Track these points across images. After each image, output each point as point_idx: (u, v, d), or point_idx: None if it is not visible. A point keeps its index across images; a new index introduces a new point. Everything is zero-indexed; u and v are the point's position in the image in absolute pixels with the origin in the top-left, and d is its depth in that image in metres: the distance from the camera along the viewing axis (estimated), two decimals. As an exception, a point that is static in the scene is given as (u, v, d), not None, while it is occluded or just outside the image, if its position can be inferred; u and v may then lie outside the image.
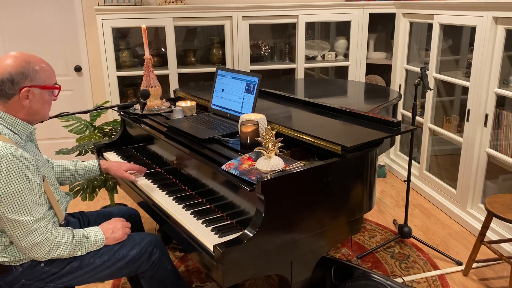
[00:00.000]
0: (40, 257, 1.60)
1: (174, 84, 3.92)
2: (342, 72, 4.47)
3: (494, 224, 2.84)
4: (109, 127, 3.17)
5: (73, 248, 1.66)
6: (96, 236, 1.74)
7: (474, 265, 2.58)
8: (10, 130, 1.63)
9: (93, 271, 1.74)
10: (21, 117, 1.65)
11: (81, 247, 1.69)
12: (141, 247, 1.80)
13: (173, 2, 3.86)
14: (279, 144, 1.69)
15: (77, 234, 1.69)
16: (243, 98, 2.25)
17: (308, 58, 4.31)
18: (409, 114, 3.76)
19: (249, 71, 3.50)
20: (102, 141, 2.87)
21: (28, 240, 1.56)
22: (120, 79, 3.97)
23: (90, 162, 2.13)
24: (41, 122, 1.77)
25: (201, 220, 1.80)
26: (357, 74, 4.22)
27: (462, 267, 2.63)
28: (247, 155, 1.82)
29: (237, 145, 1.97)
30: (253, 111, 2.18)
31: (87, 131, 3.06)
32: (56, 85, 1.71)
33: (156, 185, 2.17)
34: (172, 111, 2.48)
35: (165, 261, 1.87)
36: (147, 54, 2.52)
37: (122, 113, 2.65)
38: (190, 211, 1.88)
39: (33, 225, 1.56)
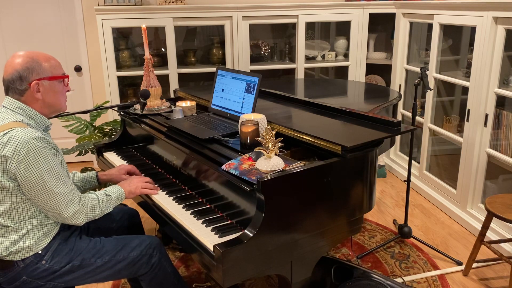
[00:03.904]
0: (80, 222, 1.71)
1: (174, 84, 3.92)
2: (342, 72, 4.47)
3: (494, 224, 2.84)
4: (109, 127, 3.17)
5: (102, 207, 1.78)
6: (116, 192, 1.87)
7: (474, 265, 2.58)
8: (30, 121, 1.71)
9: (93, 272, 1.75)
10: (38, 110, 1.73)
11: (107, 204, 1.81)
12: (141, 249, 1.81)
13: (173, 2, 3.86)
14: (279, 144, 1.69)
15: (100, 193, 1.82)
16: (243, 98, 2.25)
17: (308, 58, 4.31)
18: (409, 114, 3.76)
19: (249, 71, 3.50)
20: (102, 141, 2.87)
21: (69, 210, 1.67)
22: (120, 79, 3.97)
23: (88, 173, 2.12)
24: (58, 116, 1.88)
25: (201, 220, 1.80)
26: (357, 74, 4.22)
27: (462, 267, 2.63)
28: (247, 155, 1.82)
29: (237, 145, 1.97)
30: (253, 111, 2.18)
31: (87, 131, 3.06)
32: (64, 74, 1.77)
33: (156, 185, 2.17)
34: (172, 111, 2.48)
35: (165, 263, 1.87)
36: (147, 54, 2.52)
37: (122, 113, 2.65)
38: (190, 211, 1.88)
39: (70, 195, 1.68)
